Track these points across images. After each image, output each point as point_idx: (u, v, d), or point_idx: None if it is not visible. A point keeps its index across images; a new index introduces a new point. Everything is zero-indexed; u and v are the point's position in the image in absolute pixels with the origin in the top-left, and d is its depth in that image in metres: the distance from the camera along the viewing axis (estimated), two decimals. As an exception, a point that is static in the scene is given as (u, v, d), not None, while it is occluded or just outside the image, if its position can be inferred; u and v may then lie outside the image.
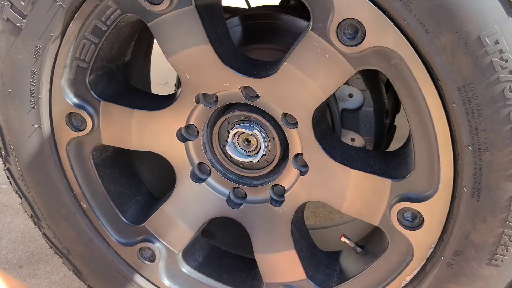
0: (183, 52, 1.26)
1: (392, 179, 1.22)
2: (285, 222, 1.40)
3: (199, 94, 1.32)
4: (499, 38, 0.96)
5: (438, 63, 1.02)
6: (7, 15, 1.31)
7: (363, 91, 1.47)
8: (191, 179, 1.44)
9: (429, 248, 1.24)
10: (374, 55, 1.10)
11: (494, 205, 1.09)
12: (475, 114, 1.03)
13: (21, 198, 1.60)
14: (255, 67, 1.29)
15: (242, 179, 1.44)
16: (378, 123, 1.51)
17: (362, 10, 1.05)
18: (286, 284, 1.47)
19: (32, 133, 1.45)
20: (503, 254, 1.14)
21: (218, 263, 1.67)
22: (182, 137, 1.40)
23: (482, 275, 1.18)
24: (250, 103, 1.30)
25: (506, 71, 0.98)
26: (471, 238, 1.15)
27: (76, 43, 1.33)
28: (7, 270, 2.23)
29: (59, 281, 2.17)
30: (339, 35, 1.10)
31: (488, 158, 1.06)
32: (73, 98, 1.41)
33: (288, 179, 1.37)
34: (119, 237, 1.58)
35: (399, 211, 1.23)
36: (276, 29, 1.53)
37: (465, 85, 1.01)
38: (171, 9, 1.22)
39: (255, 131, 1.32)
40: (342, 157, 1.28)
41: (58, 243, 1.64)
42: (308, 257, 1.46)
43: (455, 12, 0.97)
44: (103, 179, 1.54)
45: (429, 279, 1.26)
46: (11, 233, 2.45)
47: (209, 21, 1.24)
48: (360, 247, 1.47)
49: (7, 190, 2.70)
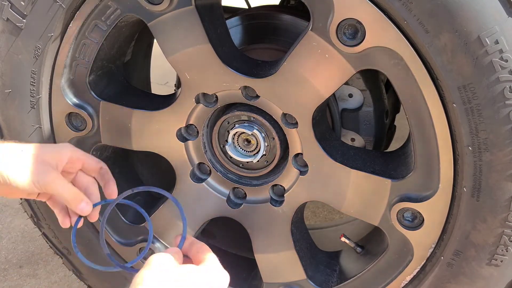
0: (183, 52, 1.26)
1: (392, 179, 1.22)
2: (285, 222, 1.40)
3: (199, 94, 1.32)
4: (499, 38, 0.96)
5: (438, 63, 1.02)
6: (7, 15, 1.31)
7: (363, 91, 1.47)
8: (191, 179, 1.44)
9: (429, 248, 1.24)
10: (374, 55, 1.09)
11: (494, 205, 1.09)
12: (475, 114, 1.03)
13: (21, 198, 1.60)
14: (255, 67, 1.29)
15: (242, 179, 1.44)
16: (378, 123, 1.51)
17: (362, 10, 1.05)
18: (286, 284, 1.47)
19: (32, 133, 1.45)
20: (503, 254, 1.14)
21: (218, 263, 1.67)
22: (182, 137, 1.40)
23: (482, 275, 1.18)
24: (250, 103, 1.30)
25: (506, 71, 0.98)
26: (471, 238, 1.15)
27: (76, 43, 1.33)
28: (7, 270, 2.23)
29: (59, 281, 2.17)
30: (339, 35, 1.10)
31: (488, 158, 1.06)
32: (73, 98, 1.41)
33: (288, 179, 1.37)
34: (119, 237, 1.58)
35: (399, 211, 1.23)
36: (276, 29, 1.53)
37: (465, 85, 1.01)
38: (171, 9, 1.22)
39: (255, 131, 1.32)
40: (342, 157, 1.28)
41: (58, 243, 1.64)
42: (308, 257, 1.46)
43: (455, 12, 0.97)
44: (103, 179, 1.54)
45: (429, 279, 1.26)
46: (11, 233, 2.45)
47: (209, 21, 1.24)
48: (360, 247, 1.47)
49: (7, 190, 2.69)
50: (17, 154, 1.10)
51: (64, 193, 1.11)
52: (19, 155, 1.10)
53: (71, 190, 1.12)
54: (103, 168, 1.22)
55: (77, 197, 1.13)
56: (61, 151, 1.16)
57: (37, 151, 1.12)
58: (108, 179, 1.22)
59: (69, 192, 1.12)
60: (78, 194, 1.13)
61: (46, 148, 1.15)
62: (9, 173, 1.07)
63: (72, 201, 1.12)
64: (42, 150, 1.13)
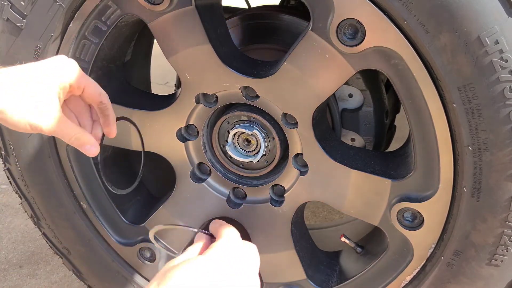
0: (183, 52, 1.26)
1: (392, 179, 1.22)
2: (285, 222, 1.40)
3: (199, 94, 1.32)
4: (499, 38, 0.96)
5: (438, 63, 1.02)
6: (7, 15, 1.31)
7: (363, 91, 1.47)
8: (191, 179, 1.44)
9: (429, 248, 1.24)
10: (374, 55, 1.09)
11: (494, 205, 1.09)
12: (475, 114, 1.03)
13: (21, 198, 1.60)
14: (255, 67, 1.29)
15: (242, 179, 1.44)
16: (378, 123, 1.51)
17: (362, 10, 1.05)
18: (286, 284, 1.47)
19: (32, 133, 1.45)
20: (503, 254, 1.14)
21: (218, 263, 1.66)
22: (182, 137, 1.40)
23: (482, 275, 1.18)
24: (250, 103, 1.30)
25: (506, 71, 0.98)
26: (471, 238, 1.15)
27: (76, 43, 1.33)
28: (7, 270, 2.23)
29: (59, 281, 2.17)
30: (339, 35, 1.10)
31: (488, 158, 1.06)
32: (73, 98, 1.41)
33: (288, 179, 1.37)
34: (119, 237, 1.58)
35: (399, 211, 1.23)
36: (276, 29, 1.53)
37: (465, 85, 1.01)
38: (171, 9, 1.22)
39: (255, 131, 1.32)
40: (342, 157, 1.28)
41: (58, 243, 1.64)
42: (308, 257, 1.46)
43: (455, 12, 0.97)
44: (103, 179, 1.54)
45: (429, 279, 1.26)
46: (11, 233, 2.45)
47: (209, 21, 1.24)
48: (360, 247, 1.47)
49: (7, 190, 2.70)
50: (15, 83, 0.97)
51: (68, 135, 1.03)
52: (15, 85, 0.97)
53: (75, 131, 1.04)
54: (103, 103, 1.10)
55: (83, 139, 1.05)
56: (63, 76, 1.02)
57: (36, 78, 0.99)
58: (108, 115, 1.12)
59: (73, 134, 1.03)
60: (83, 135, 1.05)
61: (46, 74, 1.01)
62: (8, 110, 0.95)
63: (78, 144, 1.05)
64: (42, 79, 1.00)
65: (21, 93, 0.96)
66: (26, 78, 0.99)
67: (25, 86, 0.97)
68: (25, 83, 0.98)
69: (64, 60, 1.06)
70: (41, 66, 1.03)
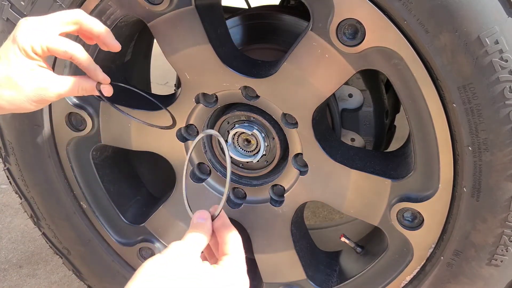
0: (183, 52, 1.26)
1: (392, 179, 1.22)
2: (285, 222, 1.40)
3: (199, 94, 1.32)
4: (499, 38, 0.96)
5: (438, 63, 1.02)
6: (7, 15, 1.30)
7: (363, 91, 1.47)
8: (191, 179, 1.44)
9: (429, 248, 1.24)
10: (374, 55, 1.09)
11: (494, 205, 1.09)
12: (475, 114, 1.03)
13: (21, 198, 1.60)
14: (255, 67, 1.29)
15: (242, 179, 1.44)
16: (378, 123, 1.51)
17: (362, 10, 1.05)
18: (286, 284, 1.47)
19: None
20: (503, 254, 1.14)
21: (218, 263, 1.66)
22: (182, 137, 1.40)
23: (482, 275, 1.18)
24: (250, 103, 1.30)
25: (506, 71, 0.98)
26: (471, 238, 1.15)
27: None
28: (7, 270, 2.23)
29: (59, 281, 2.17)
30: (339, 35, 1.10)
31: (488, 158, 1.06)
32: (73, 98, 1.41)
33: (288, 179, 1.37)
34: (119, 237, 1.58)
35: (399, 211, 1.23)
36: (276, 29, 1.53)
37: (465, 85, 1.01)
38: (171, 9, 1.22)
39: (255, 131, 1.32)
40: (342, 157, 1.28)
41: (58, 243, 1.64)
42: (308, 257, 1.46)
43: (455, 12, 0.97)
44: (103, 179, 1.54)
45: (429, 279, 1.26)
46: (11, 233, 2.45)
47: (209, 21, 1.24)
48: (360, 247, 1.47)
49: (7, 190, 2.70)
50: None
51: (72, 89, 1.07)
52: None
53: (76, 81, 1.06)
54: (73, 58, 1.07)
55: (85, 85, 1.08)
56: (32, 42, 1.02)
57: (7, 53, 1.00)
58: (85, 67, 1.10)
59: (76, 84, 1.07)
60: (84, 82, 1.09)
61: (15, 53, 1.01)
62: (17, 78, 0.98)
63: (86, 90, 1.08)
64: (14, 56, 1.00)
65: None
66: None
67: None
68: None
69: (26, 25, 1.04)
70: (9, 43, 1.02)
